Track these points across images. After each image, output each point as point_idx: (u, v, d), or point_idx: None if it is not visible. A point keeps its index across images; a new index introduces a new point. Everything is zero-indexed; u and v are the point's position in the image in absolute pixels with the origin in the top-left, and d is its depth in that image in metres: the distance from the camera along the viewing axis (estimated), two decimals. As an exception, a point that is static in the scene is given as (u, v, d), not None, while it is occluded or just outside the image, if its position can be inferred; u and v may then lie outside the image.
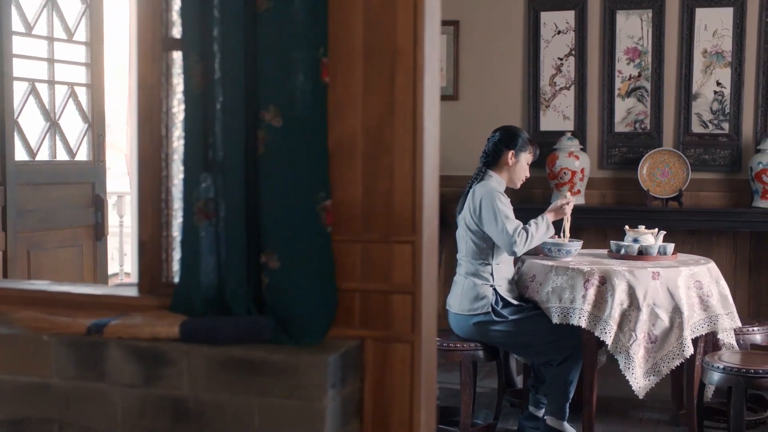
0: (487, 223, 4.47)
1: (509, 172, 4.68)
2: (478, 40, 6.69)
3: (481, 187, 4.58)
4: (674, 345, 4.32)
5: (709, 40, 6.29)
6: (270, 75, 1.88)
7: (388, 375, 1.90)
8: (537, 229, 4.48)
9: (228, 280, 1.92)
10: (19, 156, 4.58)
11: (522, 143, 4.67)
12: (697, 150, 6.36)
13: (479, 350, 4.55)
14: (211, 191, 1.93)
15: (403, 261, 1.89)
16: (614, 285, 4.32)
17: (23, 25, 4.65)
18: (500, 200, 4.50)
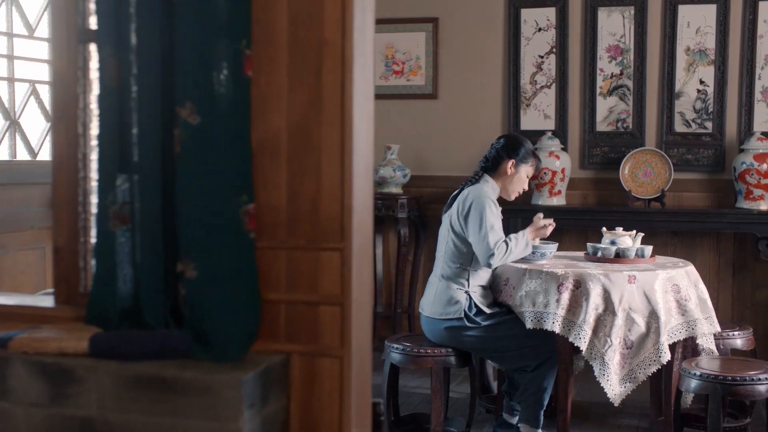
0: (471, 229, 4.31)
1: (505, 182, 4.51)
2: (458, 38, 6.54)
3: (474, 190, 4.40)
4: (651, 351, 4.17)
5: (692, 38, 6.15)
6: (187, 69, 1.73)
7: (316, 393, 1.74)
8: (516, 245, 4.32)
9: (144, 291, 1.77)
10: (-24, 156, 4.44)
11: (524, 154, 4.50)
12: (680, 150, 6.21)
13: (451, 356, 4.39)
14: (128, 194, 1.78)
15: (331, 270, 1.73)
16: (589, 289, 4.17)
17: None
18: (490, 208, 4.33)
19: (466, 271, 4.38)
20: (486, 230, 4.25)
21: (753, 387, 3.94)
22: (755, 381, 3.94)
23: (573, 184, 6.31)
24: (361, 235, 1.77)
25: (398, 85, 6.62)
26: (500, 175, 4.50)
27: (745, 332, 4.74)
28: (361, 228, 1.78)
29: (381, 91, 6.64)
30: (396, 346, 4.43)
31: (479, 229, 4.27)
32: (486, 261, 4.27)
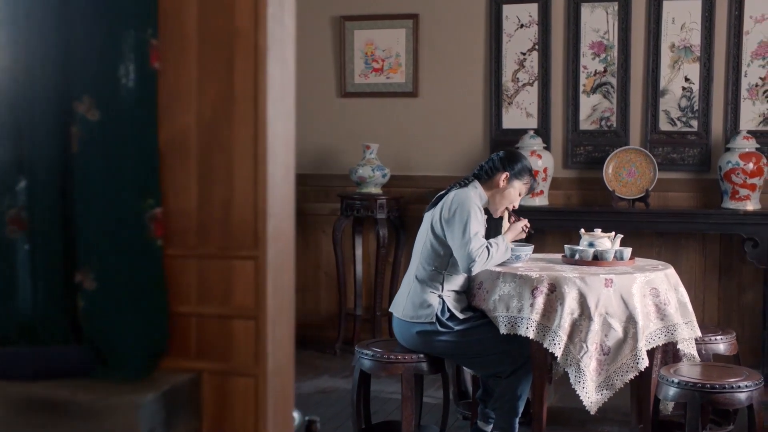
0: (453, 233, 4.14)
1: (495, 194, 4.32)
2: (439, 34, 6.38)
3: (461, 194, 4.23)
4: (628, 357, 4.01)
5: (677, 34, 5.98)
6: (87, 60, 1.57)
7: (228, 415, 1.58)
8: (497, 251, 4.15)
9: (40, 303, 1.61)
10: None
11: (520, 170, 4.32)
12: (665, 149, 6.05)
13: (423, 362, 4.23)
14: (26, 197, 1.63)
15: (244, 280, 1.57)
16: (564, 293, 4.01)
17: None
18: (475, 214, 4.15)
19: (441, 274, 4.22)
20: (469, 236, 4.09)
21: (732, 395, 3.78)
22: (735, 389, 3.78)
23: (556, 184, 6.15)
24: (279, 242, 1.61)
25: (378, 83, 6.45)
26: (492, 186, 4.33)
27: (728, 337, 4.58)
28: (280, 235, 1.62)
29: (360, 89, 6.48)
30: (366, 352, 4.26)
31: (462, 234, 4.10)
32: (467, 267, 4.10)
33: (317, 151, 6.57)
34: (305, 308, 6.70)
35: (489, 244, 4.11)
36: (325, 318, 6.59)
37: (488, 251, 4.08)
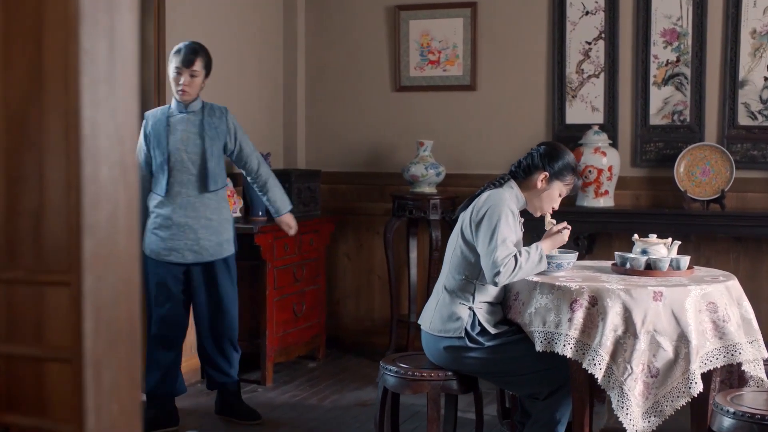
0: (480, 239, 3.71)
1: (533, 195, 3.88)
2: (498, 24, 5.92)
3: (494, 195, 3.80)
4: (680, 380, 3.50)
5: (759, 19, 5.39)
6: None
7: (41, 484, 1.24)
8: (527, 261, 3.68)
9: None
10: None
11: (561, 169, 3.86)
12: (744, 145, 5.46)
13: (452, 380, 3.81)
14: None
15: (57, 312, 1.22)
16: (606, 307, 3.53)
17: None
18: (507, 218, 3.70)
19: (472, 284, 3.79)
20: (496, 243, 3.65)
21: (796, 429, 3.25)
22: (799, 422, 3.25)
23: (623, 184, 5.64)
24: (104, 265, 1.25)
25: (434, 76, 6.04)
26: (529, 187, 3.88)
27: (805, 357, 4.02)
28: (107, 255, 1.25)
29: (415, 82, 6.08)
30: (390, 368, 3.87)
31: (489, 240, 3.67)
32: (491, 278, 3.67)
33: (371, 147, 6.20)
34: (358, 314, 6.34)
35: (518, 253, 3.66)
36: (379, 324, 6.22)
37: (516, 261, 3.63)
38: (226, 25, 5.73)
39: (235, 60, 5.83)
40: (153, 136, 4.54)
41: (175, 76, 4.51)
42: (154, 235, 4.55)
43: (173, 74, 4.52)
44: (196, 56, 4.51)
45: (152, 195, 4.57)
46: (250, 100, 5.99)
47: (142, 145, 4.54)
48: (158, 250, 4.53)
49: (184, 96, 4.52)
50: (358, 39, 6.20)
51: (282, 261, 5.46)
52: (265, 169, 4.76)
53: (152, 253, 4.54)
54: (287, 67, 6.29)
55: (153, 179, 4.56)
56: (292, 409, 4.94)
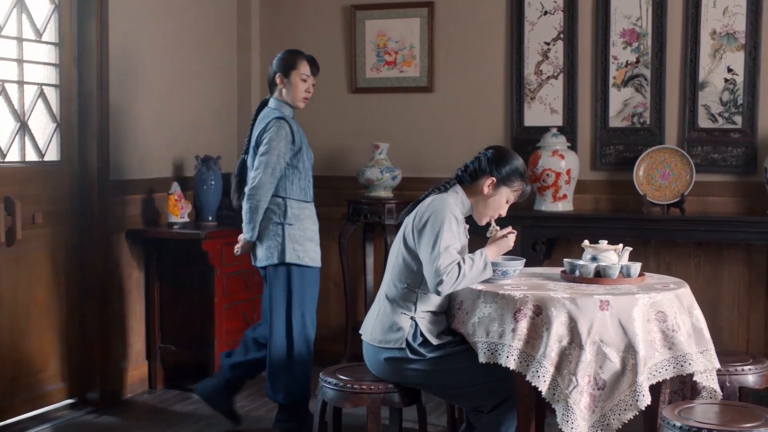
0: (423, 246, 3.54)
1: (479, 201, 3.72)
2: (455, 24, 5.76)
3: (438, 201, 3.63)
4: (626, 393, 3.34)
5: (719, 19, 5.25)
6: None
7: None
8: (471, 268, 3.51)
9: None
10: None
11: (509, 174, 3.69)
12: (705, 148, 5.32)
13: (393, 392, 3.65)
14: None
15: None
16: (551, 316, 3.37)
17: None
18: (450, 225, 3.54)
19: (414, 293, 3.62)
20: (439, 251, 3.48)
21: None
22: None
23: (583, 188, 5.48)
24: None
25: (390, 77, 5.87)
26: (475, 192, 3.72)
27: (759, 367, 3.88)
28: None
29: (371, 83, 5.93)
30: (329, 380, 3.70)
31: (432, 248, 3.50)
32: (434, 288, 3.50)
33: (326, 150, 6.02)
34: (314, 320, 6.15)
35: (462, 261, 3.50)
36: (335, 332, 6.04)
37: (459, 269, 3.47)
38: (178, 27, 5.54)
39: (188, 63, 5.65)
40: (304, 142, 4.46)
41: (301, 83, 4.43)
42: (311, 242, 4.43)
43: (298, 80, 4.42)
44: (318, 69, 4.54)
45: (296, 202, 4.40)
46: (203, 104, 5.81)
47: (284, 150, 4.33)
48: (318, 257, 4.46)
49: (304, 104, 4.49)
50: (314, 40, 6.03)
51: (231, 267, 5.28)
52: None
53: (314, 261, 4.45)
54: (241, 69, 6.11)
55: (290, 185, 4.38)
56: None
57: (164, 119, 5.44)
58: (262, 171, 4.27)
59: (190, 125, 5.68)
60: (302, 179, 4.40)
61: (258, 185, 4.27)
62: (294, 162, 4.35)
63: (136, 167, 5.21)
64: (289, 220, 4.36)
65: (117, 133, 5.04)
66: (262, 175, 4.27)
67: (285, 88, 4.43)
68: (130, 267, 5.15)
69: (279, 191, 4.34)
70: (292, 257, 4.34)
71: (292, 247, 4.35)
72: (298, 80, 4.40)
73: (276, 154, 4.27)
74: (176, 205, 5.21)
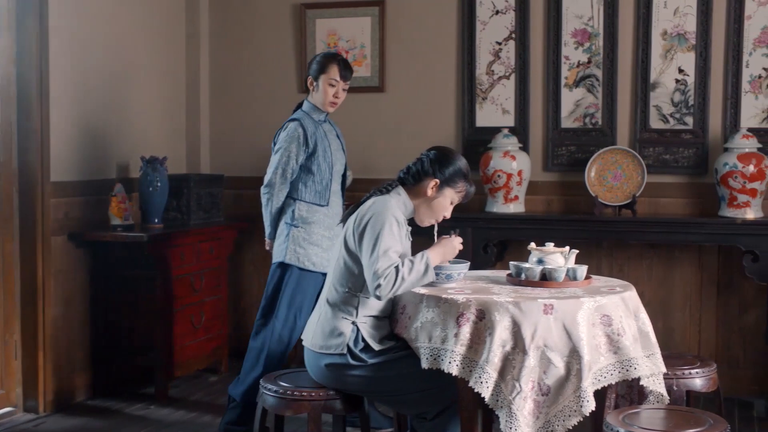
0: (363, 249, 3.44)
1: (422, 203, 3.61)
2: (406, 23, 5.68)
3: (379, 202, 3.53)
4: (571, 398, 3.26)
5: (670, 20, 5.21)
6: None
7: None
8: (411, 271, 3.40)
9: None
10: None
11: (453, 176, 3.59)
12: (656, 149, 5.28)
13: (335, 399, 3.54)
14: None
15: None
16: (494, 321, 3.28)
17: None
18: (391, 227, 3.43)
19: (356, 297, 3.52)
20: (378, 254, 3.38)
21: (686, 451, 3.04)
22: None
23: (535, 189, 5.42)
24: None
25: (341, 77, 5.77)
26: (418, 194, 3.62)
27: (707, 370, 3.83)
28: None
29: (322, 83, 5.81)
30: (269, 387, 3.60)
31: (371, 252, 3.40)
32: (373, 292, 3.39)
33: (276, 152, 5.92)
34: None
35: (401, 264, 3.41)
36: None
37: (397, 272, 3.37)
38: (122, 23, 5.41)
39: (133, 60, 5.52)
40: (324, 145, 4.39)
41: (329, 88, 4.38)
42: (316, 246, 4.34)
43: (324, 84, 4.37)
44: (352, 74, 4.48)
45: (307, 205, 4.35)
46: (150, 102, 5.68)
47: (295, 152, 4.30)
48: (323, 262, 4.35)
49: (333, 108, 4.43)
50: (264, 38, 5.93)
51: (178, 270, 5.16)
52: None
53: (315, 266, 4.35)
54: (190, 67, 5.99)
55: (303, 187, 4.36)
56: (183, 428, 4.65)
57: (108, 119, 5.31)
58: (272, 171, 4.33)
59: (136, 125, 5.56)
60: (316, 182, 4.37)
61: (267, 184, 4.35)
62: (307, 164, 4.35)
63: (79, 168, 5.08)
64: (295, 222, 4.36)
65: (58, 133, 4.90)
66: (272, 174, 4.33)
67: (314, 91, 4.42)
68: (73, 271, 5.02)
69: (292, 192, 4.38)
70: (292, 259, 4.34)
71: (294, 248, 4.34)
72: (326, 85, 4.38)
73: (286, 155, 4.30)
74: (119, 207, 5.09)
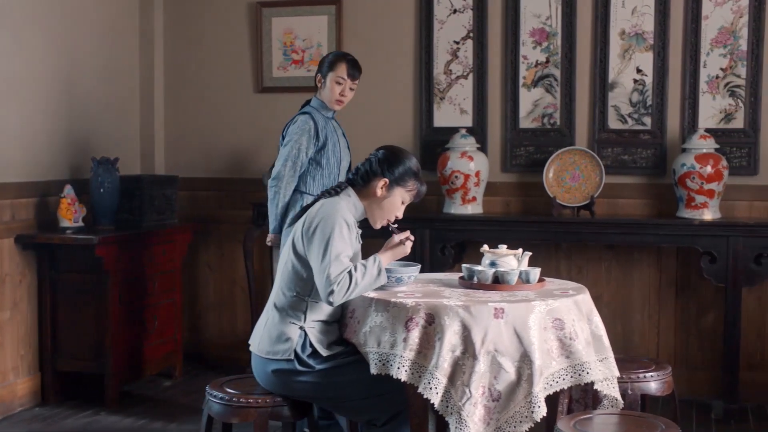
0: (313, 254, 3.34)
1: (373, 204, 3.52)
2: (363, 22, 5.59)
3: (328, 205, 3.43)
4: (522, 404, 3.18)
5: (628, 19, 5.16)
6: None
7: None
8: (364, 276, 3.32)
9: None
10: None
11: (402, 175, 3.50)
12: (615, 149, 5.23)
13: (282, 406, 3.44)
14: None
15: None
16: (444, 325, 3.20)
17: None
18: (340, 231, 3.34)
19: (304, 301, 3.43)
20: (329, 259, 3.29)
21: (636, 458, 2.98)
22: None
23: (493, 190, 5.35)
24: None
25: (297, 77, 5.68)
26: (368, 195, 3.53)
27: (662, 373, 3.76)
28: None
29: (279, 83, 5.72)
30: (216, 394, 3.50)
31: (322, 257, 3.31)
32: (326, 298, 3.30)
33: (232, 152, 5.81)
34: (220, 328, 5.94)
35: (354, 268, 3.32)
36: (243, 339, 5.79)
37: (351, 278, 3.28)
38: (73, 19, 5.28)
39: (86, 58, 5.39)
40: (334, 140, 4.37)
41: (336, 86, 4.35)
42: None
43: (332, 81, 4.35)
44: (360, 73, 4.46)
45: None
46: (103, 102, 5.55)
47: (306, 144, 4.28)
48: None
49: (339, 106, 4.41)
50: (219, 37, 5.82)
51: (129, 273, 5.04)
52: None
53: None
54: (144, 66, 5.87)
55: (311, 181, 4.33)
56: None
57: (59, 119, 5.18)
58: (281, 163, 4.30)
59: (89, 125, 5.43)
60: (325, 176, 4.34)
61: (276, 177, 4.30)
62: (317, 158, 4.32)
63: (27, 169, 4.94)
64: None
65: (5, 132, 4.77)
66: (281, 167, 4.29)
67: (322, 89, 4.39)
68: (20, 274, 4.88)
69: (300, 186, 4.34)
70: None
71: None
72: (333, 83, 4.36)
73: (297, 148, 4.27)
74: (69, 208, 4.96)
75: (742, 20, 4.97)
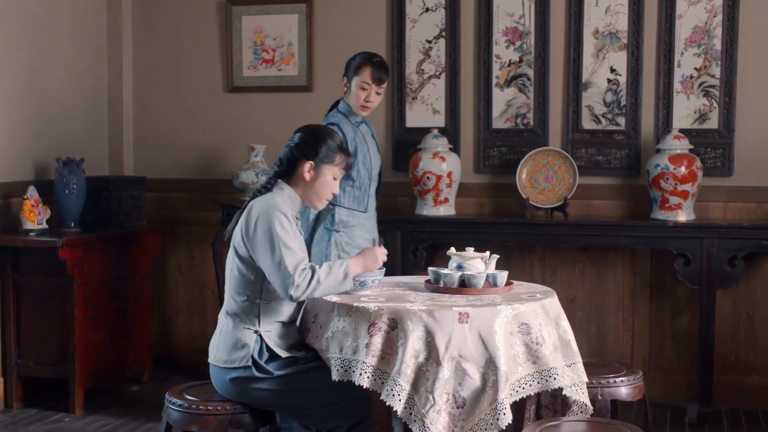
0: (261, 253, 3.23)
1: (306, 188, 3.41)
2: (334, 21, 5.49)
3: (261, 204, 3.33)
4: (487, 411, 3.09)
5: (602, 18, 5.08)
6: None
7: None
8: (328, 275, 3.22)
9: None
10: None
11: (325, 153, 3.40)
12: (589, 150, 5.15)
13: (242, 413, 3.35)
14: None
15: None
16: (407, 330, 3.10)
17: None
18: (281, 223, 3.24)
19: (256, 305, 3.32)
20: (281, 254, 3.19)
21: (602, 467, 2.89)
22: (605, 459, 2.88)
23: (466, 191, 5.26)
24: None
25: (268, 76, 5.58)
26: (298, 181, 3.43)
27: (632, 378, 3.68)
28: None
29: (248, 82, 5.62)
30: (175, 401, 3.39)
31: (272, 253, 3.21)
32: (287, 293, 3.21)
33: (202, 152, 5.70)
34: (190, 331, 5.84)
35: (317, 267, 3.23)
36: (212, 341, 5.71)
37: (313, 273, 3.19)
38: (38, 17, 5.16)
39: (52, 57, 5.27)
40: (359, 149, 4.22)
41: (361, 92, 4.21)
42: (359, 250, 3.98)
43: (356, 87, 4.22)
44: (387, 75, 4.28)
45: (346, 210, 4.23)
46: (68, 101, 5.43)
47: None
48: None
49: (365, 112, 4.27)
50: (189, 36, 5.71)
51: (95, 277, 4.93)
52: None
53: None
54: (112, 65, 5.75)
55: (342, 192, 4.18)
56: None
57: (23, 118, 5.06)
58: None
59: (55, 125, 5.31)
60: (355, 188, 4.24)
61: None
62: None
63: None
64: (336, 227, 4.21)
65: (-35, 133, 4.66)
66: None
67: (348, 93, 4.28)
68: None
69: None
70: None
71: (337, 254, 4.20)
72: (357, 88, 4.23)
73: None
74: (32, 210, 4.84)
75: (716, 19, 4.90)
